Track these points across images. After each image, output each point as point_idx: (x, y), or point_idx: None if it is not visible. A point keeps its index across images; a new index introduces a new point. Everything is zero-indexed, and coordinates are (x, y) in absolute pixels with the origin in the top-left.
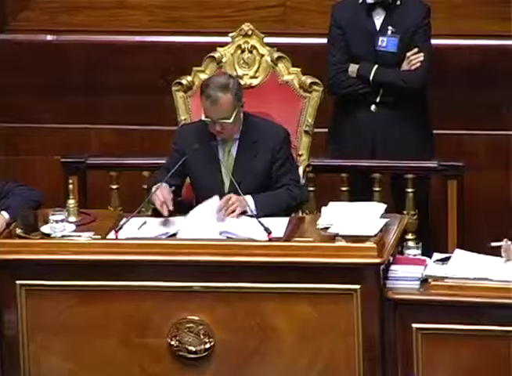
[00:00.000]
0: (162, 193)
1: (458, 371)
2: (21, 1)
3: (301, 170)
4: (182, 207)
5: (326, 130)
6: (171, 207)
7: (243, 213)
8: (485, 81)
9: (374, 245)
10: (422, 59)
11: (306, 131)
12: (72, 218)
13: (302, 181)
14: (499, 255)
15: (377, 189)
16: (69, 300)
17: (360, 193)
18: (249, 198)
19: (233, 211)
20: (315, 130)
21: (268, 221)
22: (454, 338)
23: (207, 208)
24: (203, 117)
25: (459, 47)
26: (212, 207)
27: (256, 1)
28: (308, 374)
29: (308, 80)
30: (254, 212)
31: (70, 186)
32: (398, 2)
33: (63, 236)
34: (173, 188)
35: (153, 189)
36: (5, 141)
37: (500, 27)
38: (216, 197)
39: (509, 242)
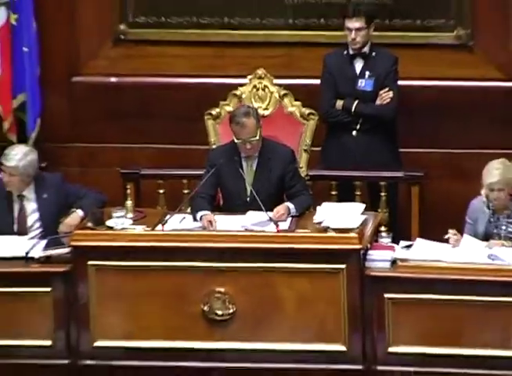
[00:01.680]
0: (206, 218)
1: (418, 330)
2: (91, 52)
3: None
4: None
5: (320, 148)
6: (216, 222)
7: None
8: (441, 112)
9: (356, 235)
10: (391, 96)
11: (305, 150)
12: (129, 215)
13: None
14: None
15: (358, 193)
16: (127, 276)
17: (345, 196)
18: (290, 205)
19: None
20: (312, 148)
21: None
22: (416, 305)
23: (239, 218)
24: (235, 140)
25: (422, 86)
26: (244, 218)
27: (267, 51)
28: (306, 333)
29: (307, 111)
30: (296, 213)
31: (128, 190)
32: (373, 54)
33: (122, 228)
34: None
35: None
36: (80, 157)
37: (452, 71)
38: (251, 212)
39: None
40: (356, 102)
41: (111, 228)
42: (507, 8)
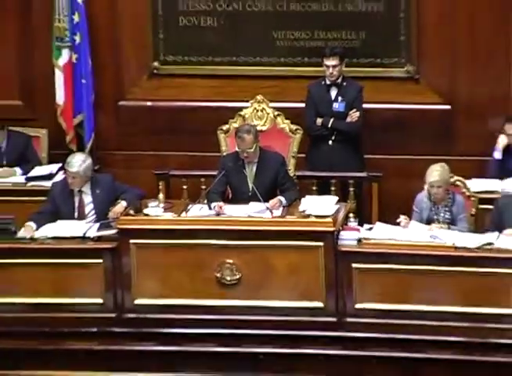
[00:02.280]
0: (218, 205)
1: (378, 291)
2: (132, 83)
3: None
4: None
5: (304, 155)
6: (224, 207)
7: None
8: (395, 127)
9: (331, 220)
10: (358, 115)
11: (293, 156)
12: (161, 205)
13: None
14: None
15: (333, 188)
16: (159, 251)
17: (323, 191)
18: (281, 198)
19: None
20: (298, 155)
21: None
22: (376, 272)
23: (243, 208)
24: (237, 149)
25: (381, 108)
26: (247, 207)
27: (265, 82)
28: (293, 293)
29: (294, 127)
30: (286, 204)
31: (160, 187)
32: (345, 84)
33: (156, 215)
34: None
35: (207, 197)
36: (124, 161)
37: (403, 97)
38: (252, 203)
39: (404, 218)
40: (332, 119)
41: (147, 215)
42: (444, 50)
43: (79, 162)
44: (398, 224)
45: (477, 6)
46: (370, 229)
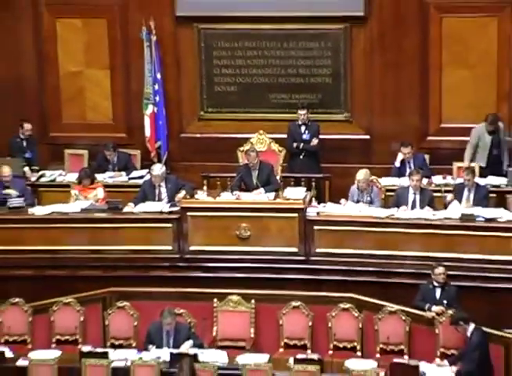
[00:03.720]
0: (237, 194)
1: (328, 240)
2: (188, 123)
3: (278, 177)
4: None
5: (286, 164)
6: (241, 194)
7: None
8: (339, 149)
9: (302, 201)
10: (317, 141)
11: (280, 165)
12: (205, 193)
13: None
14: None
15: (303, 184)
16: (204, 219)
17: (297, 185)
18: (262, 190)
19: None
20: (283, 164)
21: (269, 194)
22: (328, 231)
23: (252, 194)
24: (246, 161)
25: (329, 138)
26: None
27: (263, 123)
28: (280, 242)
29: (281, 148)
30: (264, 192)
31: (204, 182)
32: (309, 124)
33: (202, 198)
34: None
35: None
36: (184, 169)
37: (342, 131)
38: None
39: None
40: (302, 144)
41: (197, 199)
42: (366, 105)
43: (158, 168)
44: (341, 203)
45: (386, 79)
46: (324, 206)
